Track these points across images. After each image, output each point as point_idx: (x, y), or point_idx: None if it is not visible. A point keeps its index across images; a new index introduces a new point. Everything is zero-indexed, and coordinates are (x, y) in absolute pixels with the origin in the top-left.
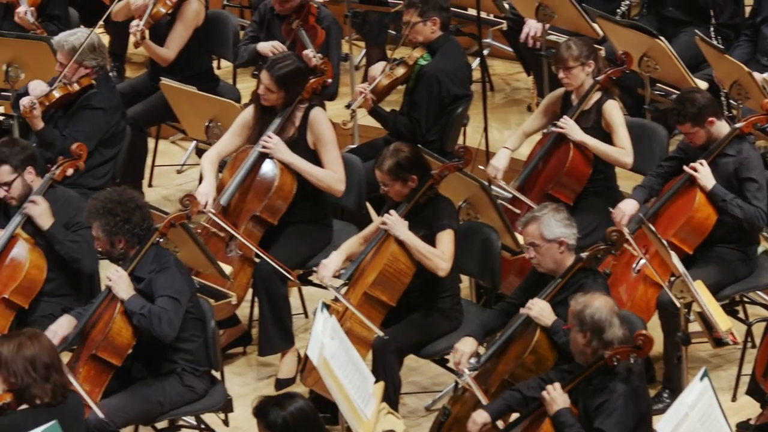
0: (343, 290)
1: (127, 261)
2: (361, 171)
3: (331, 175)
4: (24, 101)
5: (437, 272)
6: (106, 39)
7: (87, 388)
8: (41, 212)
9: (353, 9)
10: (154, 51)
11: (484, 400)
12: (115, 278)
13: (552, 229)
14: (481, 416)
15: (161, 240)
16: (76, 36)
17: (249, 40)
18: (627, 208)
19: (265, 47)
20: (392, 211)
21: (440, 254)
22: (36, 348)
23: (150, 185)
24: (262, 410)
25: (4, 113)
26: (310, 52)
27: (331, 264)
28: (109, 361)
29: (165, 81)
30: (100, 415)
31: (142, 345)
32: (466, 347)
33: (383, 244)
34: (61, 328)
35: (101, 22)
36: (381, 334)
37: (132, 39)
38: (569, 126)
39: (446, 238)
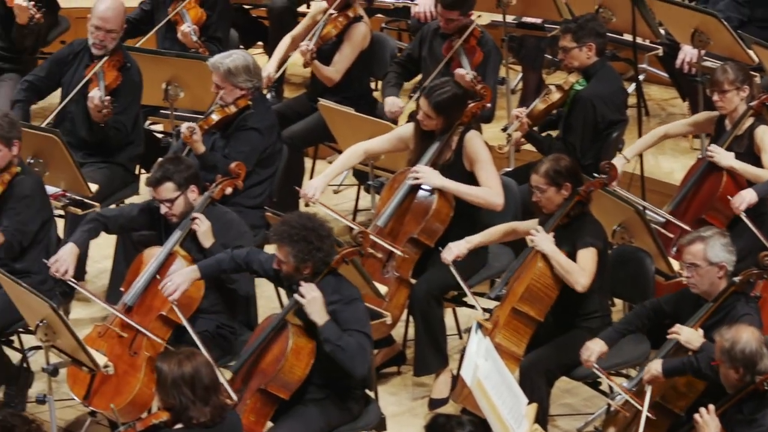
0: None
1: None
2: (517, 194)
3: (487, 191)
4: (184, 127)
5: (575, 287)
6: (264, 59)
7: (252, 419)
8: (205, 230)
9: (510, 33)
10: (321, 71)
11: (639, 407)
12: (310, 298)
13: (717, 253)
14: (656, 368)
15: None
16: (231, 58)
17: (405, 58)
18: (747, 196)
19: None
20: (539, 227)
21: (580, 270)
22: (195, 369)
23: (306, 205)
24: (435, 429)
25: (164, 131)
26: (463, 71)
27: (455, 247)
28: (278, 395)
29: (323, 102)
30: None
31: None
32: (596, 346)
33: (531, 259)
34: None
35: (260, 43)
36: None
37: (300, 59)
38: (718, 153)
39: (588, 255)
